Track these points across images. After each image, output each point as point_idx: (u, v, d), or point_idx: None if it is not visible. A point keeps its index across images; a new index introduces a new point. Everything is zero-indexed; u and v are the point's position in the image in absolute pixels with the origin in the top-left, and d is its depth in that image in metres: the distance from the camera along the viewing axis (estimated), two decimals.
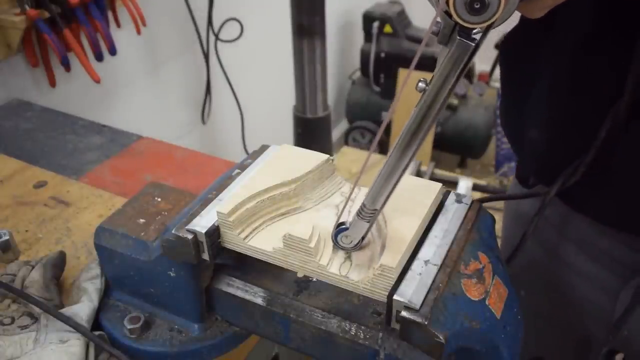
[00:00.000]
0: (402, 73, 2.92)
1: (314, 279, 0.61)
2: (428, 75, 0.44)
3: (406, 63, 2.89)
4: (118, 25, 1.53)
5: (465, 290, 0.49)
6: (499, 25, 0.41)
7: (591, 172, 0.60)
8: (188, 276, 0.60)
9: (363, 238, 0.52)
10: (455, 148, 3.11)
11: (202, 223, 0.57)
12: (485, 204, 0.60)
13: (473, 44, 0.40)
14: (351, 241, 0.52)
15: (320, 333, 0.57)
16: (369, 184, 0.61)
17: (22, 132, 1.15)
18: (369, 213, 0.49)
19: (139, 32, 1.50)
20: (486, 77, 3.02)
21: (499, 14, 0.38)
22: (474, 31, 0.40)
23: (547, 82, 0.63)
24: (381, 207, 0.49)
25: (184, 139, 2.01)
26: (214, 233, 0.56)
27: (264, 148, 0.68)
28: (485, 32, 0.41)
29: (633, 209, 0.62)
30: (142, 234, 0.64)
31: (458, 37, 0.41)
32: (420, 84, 0.43)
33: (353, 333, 0.56)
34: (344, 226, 0.52)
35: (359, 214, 0.50)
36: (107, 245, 0.65)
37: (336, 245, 0.53)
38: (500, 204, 2.95)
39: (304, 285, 0.61)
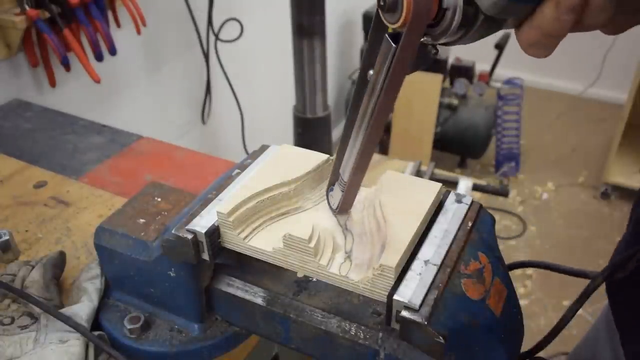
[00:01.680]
0: None
1: (314, 279, 0.61)
2: (429, 75, 0.45)
3: None
4: (118, 25, 1.53)
5: (465, 290, 0.49)
6: (447, 43, 0.43)
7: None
8: (188, 276, 0.60)
9: (339, 205, 0.56)
10: (455, 148, 3.11)
11: (202, 223, 0.57)
12: (485, 205, 0.59)
13: (394, 45, 0.42)
14: (334, 203, 0.57)
15: (320, 333, 0.57)
16: (369, 185, 0.61)
17: (22, 132, 1.15)
18: (343, 183, 0.55)
19: (139, 32, 1.50)
20: (486, 77, 3.01)
21: (402, 20, 0.39)
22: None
23: None
24: (349, 180, 0.53)
25: (184, 139, 2.01)
26: (214, 233, 0.56)
27: (264, 148, 0.68)
28: (434, 45, 0.43)
29: None
30: (142, 234, 0.64)
31: (386, 34, 0.43)
32: (370, 72, 0.47)
33: (353, 333, 0.56)
34: (332, 187, 0.57)
35: (339, 183, 0.55)
36: (107, 245, 0.65)
37: (327, 199, 0.58)
38: (500, 204, 2.95)
39: (304, 285, 0.61)
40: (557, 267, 0.62)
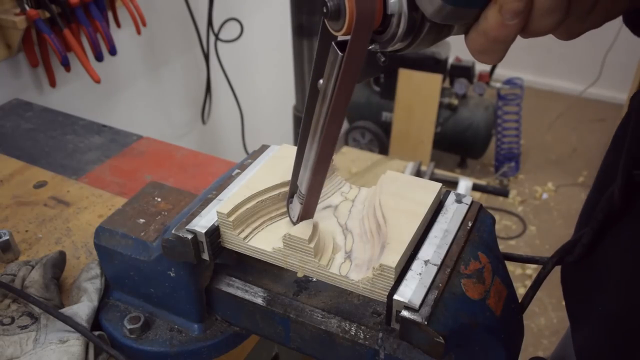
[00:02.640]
0: (402, 73, 2.92)
1: (314, 279, 0.61)
2: (429, 75, 0.44)
3: (406, 63, 2.89)
4: (118, 25, 1.53)
5: (465, 290, 0.49)
6: (395, 50, 0.42)
7: (587, 255, 0.55)
8: (188, 276, 0.60)
9: (298, 217, 0.55)
10: (455, 148, 3.11)
11: (202, 223, 0.57)
12: (485, 205, 0.59)
13: (340, 53, 0.41)
14: (293, 215, 0.56)
15: (320, 333, 0.57)
16: (369, 185, 0.61)
17: (22, 132, 1.15)
18: (301, 195, 0.54)
19: (139, 32, 1.50)
20: (486, 77, 3.01)
21: (346, 27, 0.39)
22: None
23: None
24: (307, 192, 0.52)
25: (184, 139, 2.01)
26: (214, 233, 0.56)
27: (264, 148, 0.68)
28: (384, 52, 0.42)
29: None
30: (142, 234, 0.64)
31: (333, 43, 0.42)
32: (320, 81, 0.46)
33: (353, 333, 0.56)
34: (291, 199, 0.56)
35: (298, 195, 0.54)
36: (107, 245, 0.65)
37: (287, 210, 0.58)
38: (500, 204, 2.95)
39: (304, 285, 0.61)
40: (508, 256, 0.62)
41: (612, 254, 0.51)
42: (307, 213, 0.55)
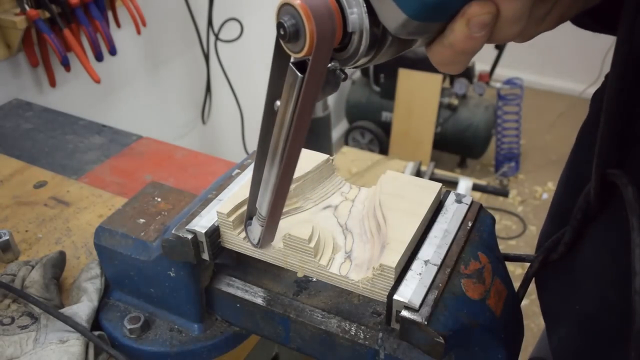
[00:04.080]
0: (402, 73, 2.92)
1: (314, 279, 0.61)
2: (428, 75, 0.44)
3: (406, 63, 2.89)
4: (118, 25, 1.53)
5: (465, 290, 0.49)
6: (356, 66, 0.41)
7: (568, 254, 0.55)
8: (188, 276, 0.60)
9: (259, 240, 0.53)
10: (455, 148, 3.11)
11: (202, 223, 0.57)
12: (485, 205, 0.59)
13: (300, 75, 0.40)
14: (254, 238, 0.54)
15: (320, 333, 0.57)
16: (369, 185, 0.61)
17: (22, 132, 1.15)
18: (262, 218, 0.51)
19: (139, 32, 1.50)
20: (486, 77, 3.02)
21: (306, 49, 0.37)
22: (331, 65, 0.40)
23: None
24: (268, 215, 0.49)
25: (184, 139, 2.01)
26: (214, 233, 0.56)
27: None
28: (342, 70, 0.41)
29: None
30: (142, 234, 0.64)
31: (291, 64, 0.41)
32: (277, 102, 0.45)
33: (353, 333, 0.56)
34: (250, 220, 0.54)
35: (258, 218, 0.52)
36: (107, 245, 0.65)
37: (246, 233, 0.55)
38: (500, 204, 2.95)
39: (304, 285, 0.61)
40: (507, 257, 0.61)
41: (589, 253, 0.52)
42: (269, 236, 0.52)
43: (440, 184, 0.58)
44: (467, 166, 3.25)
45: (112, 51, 1.40)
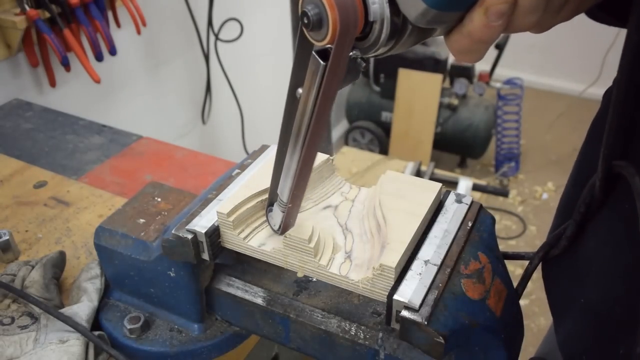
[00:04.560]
0: (402, 73, 2.92)
1: (314, 279, 0.61)
2: (428, 75, 0.44)
3: (406, 63, 2.89)
4: (118, 25, 1.53)
5: (465, 290, 0.49)
6: (377, 55, 0.42)
7: (570, 248, 0.55)
8: (188, 276, 0.60)
9: (280, 226, 0.54)
10: (455, 148, 3.11)
11: (202, 223, 0.57)
12: (485, 205, 0.60)
13: (323, 63, 0.41)
14: (275, 224, 0.55)
15: (320, 333, 0.57)
16: (369, 185, 0.61)
17: (22, 132, 1.15)
18: (283, 204, 0.53)
19: (139, 32, 1.50)
20: (486, 77, 3.01)
21: (329, 37, 0.38)
22: (353, 53, 0.41)
23: None
24: (289, 201, 0.51)
25: (184, 139, 2.01)
26: (214, 233, 0.56)
27: (264, 148, 0.68)
28: (364, 57, 0.42)
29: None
30: (142, 234, 0.64)
31: (313, 52, 0.42)
32: (299, 90, 0.46)
33: (353, 333, 0.56)
34: (271, 207, 0.55)
35: (279, 204, 0.54)
36: (107, 245, 0.65)
37: (267, 220, 0.57)
38: (500, 204, 2.95)
39: (304, 285, 0.61)
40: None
41: (592, 246, 0.52)
42: (290, 221, 0.54)
43: (440, 184, 0.58)
44: (467, 166, 3.25)
45: (112, 51, 1.40)
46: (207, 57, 1.94)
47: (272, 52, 2.40)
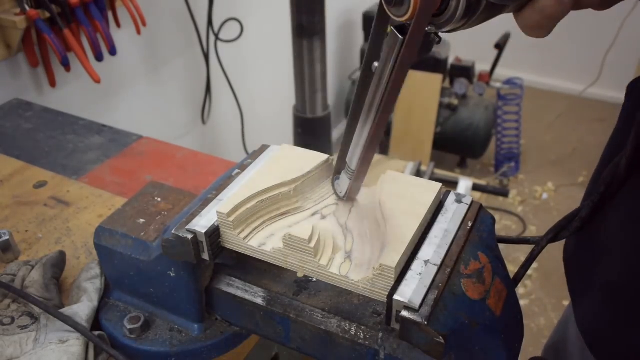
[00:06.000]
0: None
1: (314, 279, 0.61)
2: (429, 75, 0.46)
3: None
4: (118, 25, 1.53)
5: (465, 290, 0.49)
6: (450, 30, 0.44)
7: (585, 228, 0.56)
8: (188, 276, 0.60)
9: (347, 192, 0.58)
10: (455, 148, 3.11)
11: (202, 223, 0.57)
12: (485, 205, 0.60)
13: (401, 37, 0.44)
14: (341, 191, 0.59)
15: (320, 333, 0.57)
16: (369, 185, 0.61)
17: (22, 132, 1.15)
18: (350, 172, 0.56)
19: (139, 32, 1.50)
20: (486, 77, 3.01)
21: (410, 13, 0.41)
22: (430, 29, 0.44)
23: None
24: (357, 168, 0.55)
25: (184, 139, 2.01)
26: (214, 233, 0.56)
27: (264, 148, 0.68)
28: (437, 33, 0.44)
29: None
30: (142, 234, 0.64)
31: (392, 27, 0.45)
32: (374, 64, 0.49)
33: (353, 333, 0.56)
34: (338, 175, 0.59)
35: (347, 171, 0.57)
36: (107, 245, 0.65)
37: (333, 187, 0.61)
38: (500, 204, 2.95)
39: (304, 285, 0.61)
40: (499, 238, 0.63)
41: (613, 224, 0.53)
42: (355, 189, 0.58)
43: (440, 184, 0.58)
44: (467, 166, 3.25)
45: (112, 51, 1.40)
46: (207, 57, 1.94)
47: (272, 52, 2.40)
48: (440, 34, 0.46)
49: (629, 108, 0.57)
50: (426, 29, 0.44)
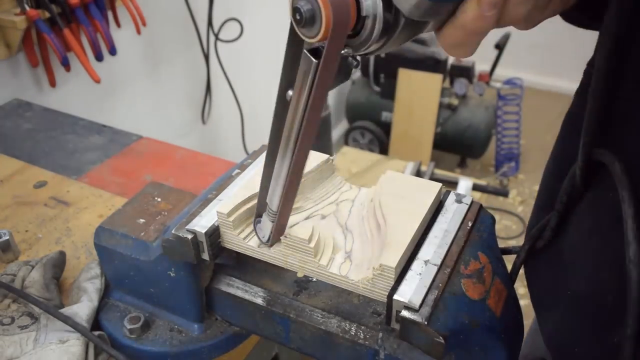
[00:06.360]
0: (402, 73, 2.92)
1: (314, 279, 0.61)
2: (429, 75, 0.44)
3: (406, 63, 2.88)
4: (118, 25, 1.53)
5: (465, 290, 0.49)
6: (369, 53, 0.41)
7: (553, 240, 0.55)
8: (188, 276, 0.60)
9: (270, 236, 0.53)
10: (455, 148, 3.11)
11: (202, 223, 0.57)
12: (485, 205, 0.60)
13: (315, 60, 0.40)
14: (263, 235, 0.54)
15: (320, 333, 0.57)
16: (369, 185, 0.61)
17: (22, 132, 1.15)
18: (272, 213, 0.51)
19: (139, 32, 1.50)
20: (486, 77, 3.01)
21: (321, 34, 0.37)
22: (346, 51, 0.40)
23: None
24: (279, 209, 0.50)
25: (184, 139, 2.01)
26: (214, 233, 0.56)
27: (264, 148, 0.68)
28: (354, 56, 0.41)
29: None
30: (142, 234, 0.64)
31: (305, 50, 0.41)
32: (289, 92, 0.45)
33: (353, 333, 0.56)
34: (259, 218, 0.54)
35: (268, 213, 0.52)
36: (107, 245, 0.65)
37: (255, 231, 0.55)
38: (500, 204, 2.95)
39: (304, 285, 0.61)
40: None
41: (577, 237, 0.52)
42: (279, 231, 0.53)
43: (440, 184, 0.58)
44: (467, 166, 3.25)
45: (112, 51, 1.40)
46: (207, 57, 1.94)
47: (272, 52, 2.40)
48: (358, 57, 0.42)
49: (574, 110, 0.56)
50: (342, 51, 0.40)
